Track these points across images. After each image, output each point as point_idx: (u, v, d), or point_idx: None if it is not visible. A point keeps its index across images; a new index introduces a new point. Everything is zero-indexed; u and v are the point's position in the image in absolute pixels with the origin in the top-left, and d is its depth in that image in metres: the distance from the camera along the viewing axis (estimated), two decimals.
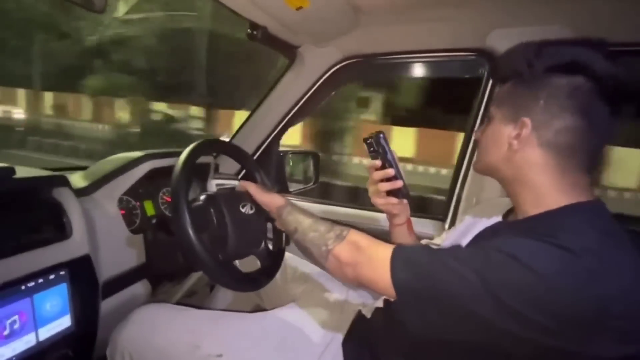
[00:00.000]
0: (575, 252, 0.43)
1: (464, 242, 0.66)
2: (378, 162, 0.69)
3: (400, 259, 0.52)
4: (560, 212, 0.52)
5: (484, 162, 0.61)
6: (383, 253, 0.53)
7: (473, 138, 0.64)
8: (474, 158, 0.65)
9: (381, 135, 0.68)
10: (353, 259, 0.56)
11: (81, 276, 0.69)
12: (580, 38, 0.54)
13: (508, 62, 0.57)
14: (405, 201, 0.73)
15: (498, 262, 0.45)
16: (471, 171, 1.05)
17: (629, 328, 0.42)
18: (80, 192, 0.78)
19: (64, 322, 0.67)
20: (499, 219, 0.66)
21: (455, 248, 0.51)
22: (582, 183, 0.53)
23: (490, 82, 0.97)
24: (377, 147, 0.68)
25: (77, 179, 0.85)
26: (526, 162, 0.54)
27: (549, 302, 0.42)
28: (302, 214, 0.67)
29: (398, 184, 0.69)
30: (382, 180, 0.70)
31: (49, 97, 10.07)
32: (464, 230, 0.72)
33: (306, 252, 0.64)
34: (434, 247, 0.81)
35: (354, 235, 0.60)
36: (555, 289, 0.42)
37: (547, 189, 0.54)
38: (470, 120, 1.09)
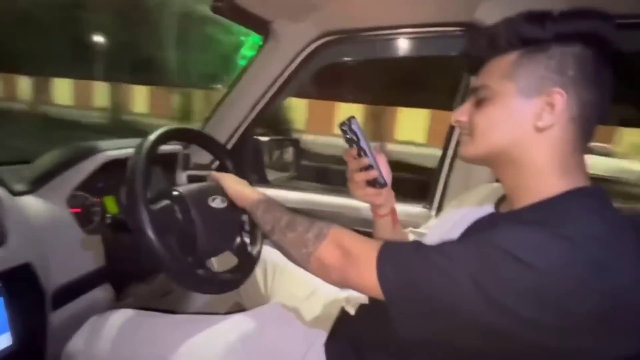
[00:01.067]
0: (579, 241, 0.39)
1: (454, 234, 0.61)
2: (354, 151, 0.63)
3: (388, 260, 0.47)
4: (560, 199, 0.48)
5: (484, 148, 0.52)
6: (369, 253, 0.48)
7: (454, 123, 0.56)
8: (461, 145, 0.57)
9: (353, 120, 0.61)
10: (337, 262, 0.52)
11: (21, 287, 0.61)
12: (586, 8, 0.48)
13: (515, 28, 0.49)
14: (385, 190, 0.67)
15: (494, 262, 0.40)
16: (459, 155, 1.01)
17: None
18: (19, 191, 0.67)
19: (3, 340, 0.58)
20: (491, 208, 0.61)
21: (447, 246, 0.46)
22: (582, 165, 0.50)
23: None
24: (351, 134, 0.62)
25: (19, 175, 0.74)
26: (546, 142, 0.48)
27: (553, 300, 0.38)
28: (278, 211, 0.61)
29: (373, 173, 0.63)
30: (357, 170, 0.64)
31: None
32: (453, 219, 0.67)
33: (286, 254, 0.59)
34: (420, 235, 0.77)
35: (336, 233, 0.54)
36: (559, 284, 0.38)
37: (549, 173, 0.49)
38: (457, 100, 1.03)
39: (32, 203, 0.68)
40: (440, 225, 0.70)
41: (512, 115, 0.49)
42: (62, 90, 10.98)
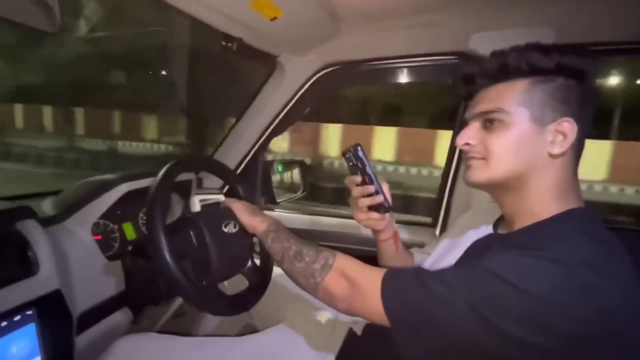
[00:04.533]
0: (569, 265, 0.41)
1: (456, 253, 0.64)
2: (358, 178, 0.65)
3: (391, 288, 0.50)
4: (551, 222, 0.51)
5: (501, 173, 0.53)
6: (373, 283, 0.51)
7: (461, 146, 0.57)
8: (466, 171, 0.57)
9: (359, 148, 0.64)
10: (343, 292, 0.54)
11: (52, 313, 0.65)
12: (572, 44, 0.54)
13: (525, 56, 0.51)
14: (388, 215, 0.70)
15: (490, 288, 0.43)
16: (461, 175, 1.04)
17: (631, 340, 0.41)
18: (48, 222, 0.73)
19: None
20: (489, 229, 0.64)
21: (446, 273, 0.49)
22: (577, 187, 0.53)
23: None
24: (356, 161, 0.65)
25: (48, 206, 0.80)
26: (556, 168, 0.52)
27: (547, 323, 0.40)
28: (286, 240, 0.64)
29: (378, 199, 0.65)
30: (362, 196, 0.67)
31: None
32: (456, 239, 0.70)
33: (296, 283, 0.62)
34: (425, 255, 0.80)
35: (341, 262, 0.57)
36: (552, 308, 0.40)
37: (550, 197, 0.52)
38: (457, 121, 1.08)
39: (60, 232, 0.74)
40: (444, 245, 0.73)
41: (528, 141, 0.51)
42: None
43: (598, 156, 6.17)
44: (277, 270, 0.85)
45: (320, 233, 1.18)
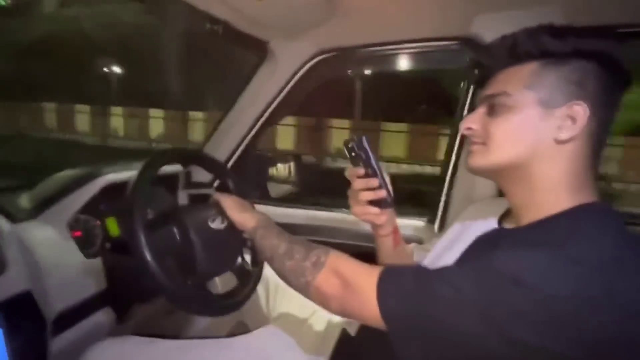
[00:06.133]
0: (589, 264, 0.37)
1: (457, 250, 0.60)
2: (360, 170, 0.61)
3: (388, 290, 0.46)
4: (565, 217, 0.46)
5: (500, 158, 0.50)
6: (368, 283, 0.47)
7: (463, 132, 0.54)
8: (468, 157, 0.55)
9: (364, 139, 0.60)
10: (336, 292, 0.50)
11: (21, 316, 0.60)
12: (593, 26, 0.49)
13: (536, 40, 0.48)
14: (389, 211, 0.66)
15: (501, 290, 0.39)
16: (461, 168, 0.99)
17: None
18: (19, 217, 0.68)
19: None
20: (494, 223, 0.59)
21: (450, 272, 0.44)
22: (594, 182, 0.49)
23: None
24: (360, 152, 0.60)
25: (21, 201, 0.75)
26: (564, 156, 0.47)
27: (567, 328, 0.36)
28: (276, 237, 0.61)
29: (381, 193, 0.62)
30: (364, 189, 0.62)
31: None
32: (457, 235, 0.66)
33: (287, 282, 0.58)
34: (424, 251, 0.76)
35: (334, 260, 0.53)
36: (572, 312, 0.36)
37: (562, 189, 0.48)
38: (457, 112, 1.03)
39: (33, 229, 0.69)
40: (444, 241, 0.69)
41: (532, 125, 0.48)
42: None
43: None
44: (268, 268, 0.81)
45: (316, 228, 1.14)
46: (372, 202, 0.63)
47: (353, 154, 0.61)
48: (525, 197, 0.51)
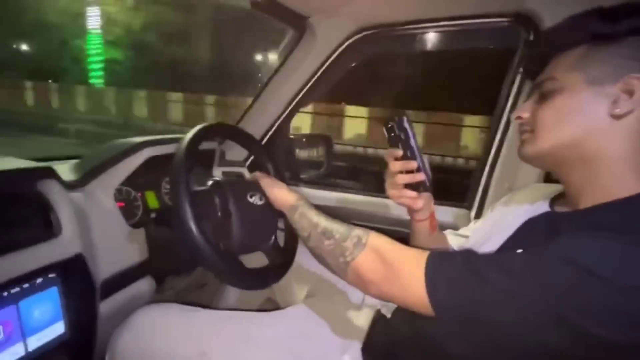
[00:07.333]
0: None
1: (502, 235, 0.57)
2: (399, 152, 0.59)
3: (437, 275, 0.44)
4: (634, 201, 0.43)
5: (550, 142, 0.49)
6: (414, 266, 0.45)
7: (516, 118, 0.53)
8: (519, 146, 0.54)
9: (405, 119, 0.58)
10: (377, 275, 0.48)
11: (74, 278, 0.63)
12: None
13: (585, 26, 0.48)
14: (427, 194, 0.64)
15: (566, 278, 0.36)
16: (502, 156, 0.95)
17: None
18: (70, 185, 0.70)
19: (57, 329, 0.61)
20: (546, 207, 0.56)
21: (504, 259, 0.42)
22: None
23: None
24: (400, 133, 0.58)
25: (69, 170, 0.78)
26: (623, 132, 0.45)
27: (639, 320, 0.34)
28: (315, 216, 0.60)
29: (419, 176, 0.59)
30: (402, 172, 0.60)
31: None
32: (499, 220, 0.63)
33: (323, 263, 0.57)
34: (462, 237, 0.73)
35: (375, 241, 0.51)
36: None
37: (625, 169, 0.45)
38: (501, 98, 0.97)
39: (83, 197, 0.71)
40: (485, 226, 0.66)
41: (582, 104, 0.46)
42: None
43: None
44: (301, 248, 0.81)
45: (347, 211, 1.13)
46: (410, 186, 0.61)
47: (392, 134, 0.59)
48: (585, 179, 0.48)
